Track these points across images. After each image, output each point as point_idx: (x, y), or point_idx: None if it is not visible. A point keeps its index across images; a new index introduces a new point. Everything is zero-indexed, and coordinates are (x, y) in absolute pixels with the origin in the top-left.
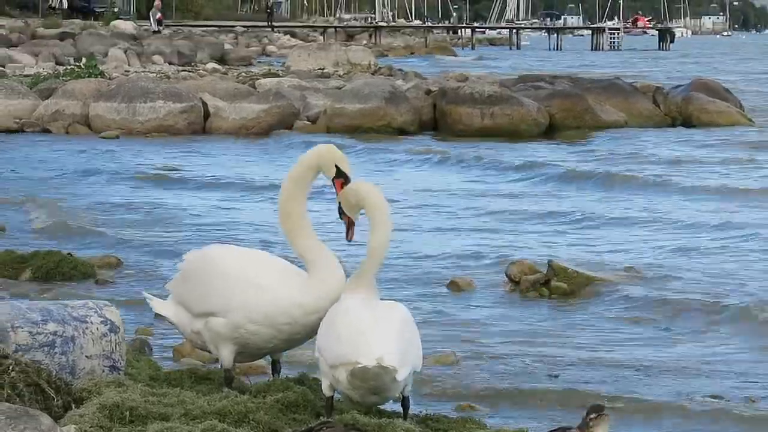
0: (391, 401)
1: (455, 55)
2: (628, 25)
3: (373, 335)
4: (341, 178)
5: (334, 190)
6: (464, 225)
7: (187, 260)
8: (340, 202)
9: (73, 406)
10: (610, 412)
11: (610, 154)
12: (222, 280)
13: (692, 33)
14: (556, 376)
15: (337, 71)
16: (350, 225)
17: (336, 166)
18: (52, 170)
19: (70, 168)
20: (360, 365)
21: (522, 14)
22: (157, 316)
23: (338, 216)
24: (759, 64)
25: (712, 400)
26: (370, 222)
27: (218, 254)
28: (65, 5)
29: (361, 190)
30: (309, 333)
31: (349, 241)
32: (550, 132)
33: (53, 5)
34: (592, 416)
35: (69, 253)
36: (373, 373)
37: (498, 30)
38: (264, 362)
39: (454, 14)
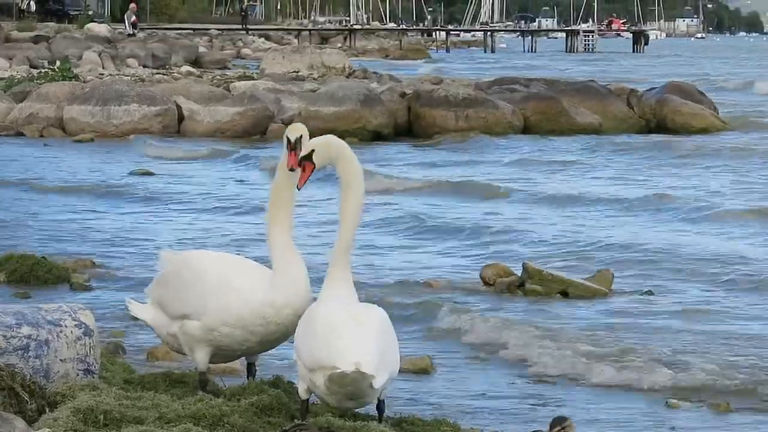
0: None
1: (429, 57)
2: (602, 28)
3: (352, 340)
4: (292, 151)
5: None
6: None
7: (166, 263)
8: (312, 150)
9: (47, 409)
10: (574, 422)
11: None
12: (201, 282)
13: (666, 35)
14: (532, 383)
15: (311, 74)
16: (310, 173)
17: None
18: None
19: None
20: (338, 371)
21: (496, 16)
22: (135, 318)
23: (298, 161)
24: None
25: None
26: (344, 181)
27: (197, 257)
28: (33, 8)
29: (337, 146)
30: (283, 333)
31: (299, 189)
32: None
33: (22, 7)
34: (556, 429)
35: (43, 257)
36: (351, 378)
37: (473, 33)
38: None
39: (429, 17)
